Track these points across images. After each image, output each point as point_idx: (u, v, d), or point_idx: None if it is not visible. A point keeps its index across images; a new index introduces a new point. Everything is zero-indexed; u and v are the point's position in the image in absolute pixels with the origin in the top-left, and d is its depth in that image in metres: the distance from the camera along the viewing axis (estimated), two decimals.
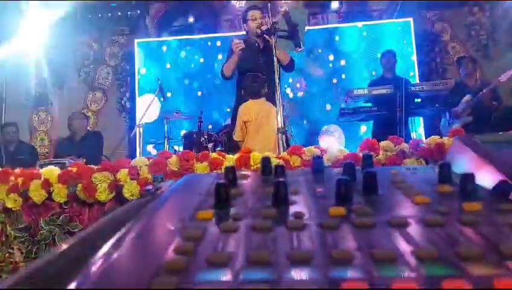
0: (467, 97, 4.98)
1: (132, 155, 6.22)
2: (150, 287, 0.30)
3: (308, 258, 0.34)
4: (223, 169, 2.44)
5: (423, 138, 5.56)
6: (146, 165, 2.52)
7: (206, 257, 0.35)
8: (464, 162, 0.60)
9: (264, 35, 3.40)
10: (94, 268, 0.33)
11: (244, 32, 4.40)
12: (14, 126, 5.88)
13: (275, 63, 3.11)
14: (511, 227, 0.39)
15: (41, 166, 3.10)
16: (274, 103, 3.20)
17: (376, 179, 0.52)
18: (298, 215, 0.46)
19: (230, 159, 2.54)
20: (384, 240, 0.38)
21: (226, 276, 0.32)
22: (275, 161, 2.45)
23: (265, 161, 0.66)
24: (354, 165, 0.58)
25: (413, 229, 0.40)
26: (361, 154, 2.40)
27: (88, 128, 6.18)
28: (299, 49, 3.23)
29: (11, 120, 6.41)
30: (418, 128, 5.88)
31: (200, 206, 0.50)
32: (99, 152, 5.67)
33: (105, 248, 0.39)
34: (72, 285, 0.31)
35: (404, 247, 0.35)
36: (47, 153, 7.00)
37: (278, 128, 3.00)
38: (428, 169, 0.65)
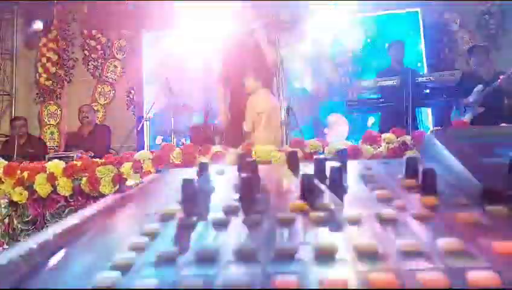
0: (479, 87, 4.89)
1: (141, 148, 6.26)
2: (90, 284, 0.31)
3: (250, 253, 0.35)
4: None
5: (431, 129, 5.52)
6: (149, 158, 2.55)
7: (155, 253, 0.36)
8: (435, 156, 0.60)
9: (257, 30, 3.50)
10: (45, 267, 0.35)
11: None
12: (23, 120, 5.95)
13: (279, 58, 3.11)
14: (462, 221, 0.40)
15: (50, 159, 3.15)
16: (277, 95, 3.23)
17: (341, 174, 0.53)
18: (258, 211, 0.47)
19: (233, 152, 2.55)
20: (334, 235, 0.39)
21: (168, 272, 0.33)
22: (277, 155, 2.46)
23: (242, 156, 0.67)
24: (325, 160, 0.59)
25: (366, 224, 0.41)
26: (360, 147, 2.41)
27: (97, 121, 6.24)
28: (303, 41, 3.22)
29: (21, 114, 6.49)
30: (425, 120, 5.84)
31: (168, 202, 0.52)
32: (107, 145, 5.73)
33: (66, 245, 0.40)
34: (22, 283, 0.32)
35: (348, 242, 0.36)
36: (57, 146, 7.08)
37: (281, 121, 3.02)
38: (402, 163, 0.65)
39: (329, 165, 0.55)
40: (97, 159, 2.61)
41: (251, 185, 0.51)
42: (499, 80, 4.73)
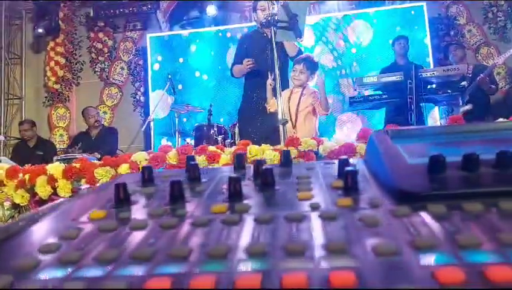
0: (463, 84, 4.84)
1: (148, 149, 6.31)
2: None
3: (149, 255, 0.37)
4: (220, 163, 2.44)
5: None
6: (146, 159, 2.58)
7: (59, 256, 0.38)
8: (371, 156, 0.61)
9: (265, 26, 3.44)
10: None
11: (254, 23, 4.46)
12: (27, 123, 6.06)
13: (275, 55, 3.12)
14: (362, 222, 0.41)
15: (58, 161, 3.21)
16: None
17: (271, 176, 0.54)
18: (181, 214, 0.48)
19: (229, 152, 2.57)
20: (237, 237, 0.40)
21: (60, 274, 0.35)
22: (271, 154, 2.47)
23: (188, 159, 0.68)
24: (262, 161, 0.60)
25: (273, 225, 0.42)
26: (356, 145, 2.41)
27: (104, 123, 6.32)
28: (300, 40, 3.23)
29: (31, 117, 6.61)
30: (430, 115, 5.79)
31: (103, 206, 0.53)
32: (114, 147, 5.80)
33: None
34: None
35: (242, 243, 0.38)
36: (66, 148, 7.18)
37: (278, 120, 3.02)
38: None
39: (264, 167, 0.57)
40: (95, 161, 2.65)
41: (179, 189, 0.52)
42: (477, 80, 4.81)
